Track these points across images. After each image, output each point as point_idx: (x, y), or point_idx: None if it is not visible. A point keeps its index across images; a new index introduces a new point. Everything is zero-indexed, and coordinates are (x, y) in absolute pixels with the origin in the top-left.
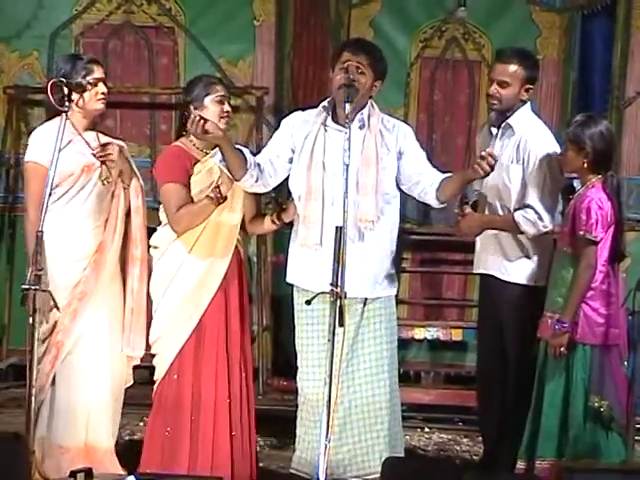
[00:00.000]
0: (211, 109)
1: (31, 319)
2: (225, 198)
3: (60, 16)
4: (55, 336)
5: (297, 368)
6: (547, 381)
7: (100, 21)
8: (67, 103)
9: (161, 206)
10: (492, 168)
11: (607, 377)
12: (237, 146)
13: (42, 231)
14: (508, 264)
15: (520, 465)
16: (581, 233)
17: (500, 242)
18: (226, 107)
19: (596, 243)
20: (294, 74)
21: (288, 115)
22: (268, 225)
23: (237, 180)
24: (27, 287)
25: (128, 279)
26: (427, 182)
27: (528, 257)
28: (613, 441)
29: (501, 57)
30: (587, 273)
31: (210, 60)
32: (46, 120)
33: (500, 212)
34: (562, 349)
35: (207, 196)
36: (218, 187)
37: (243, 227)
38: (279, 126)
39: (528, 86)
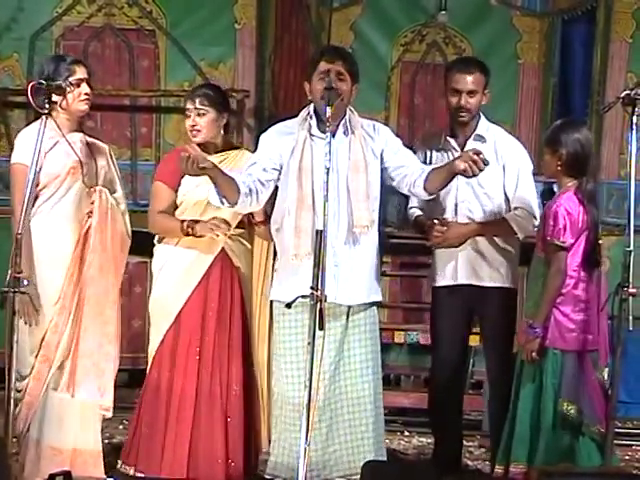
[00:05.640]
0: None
1: (10, 322)
2: (194, 235)
3: (40, 18)
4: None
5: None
6: (521, 386)
7: (81, 23)
8: (47, 105)
9: None
10: (481, 171)
11: (578, 382)
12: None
13: (22, 233)
14: (492, 271)
15: (498, 469)
16: (549, 238)
17: (479, 250)
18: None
19: (565, 249)
20: (275, 77)
21: (269, 118)
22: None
23: (234, 206)
24: (6, 290)
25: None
26: (415, 174)
27: (508, 260)
28: (585, 446)
29: (462, 67)
30: (556, 278)
31: (191, 63)
32: (32, 121)
33: (481, 215)
34: (533, 354)
35: (183, 223)
36: (192, 224)
37: (243, 236)
38: (260, 130)
39: (486, 90)
